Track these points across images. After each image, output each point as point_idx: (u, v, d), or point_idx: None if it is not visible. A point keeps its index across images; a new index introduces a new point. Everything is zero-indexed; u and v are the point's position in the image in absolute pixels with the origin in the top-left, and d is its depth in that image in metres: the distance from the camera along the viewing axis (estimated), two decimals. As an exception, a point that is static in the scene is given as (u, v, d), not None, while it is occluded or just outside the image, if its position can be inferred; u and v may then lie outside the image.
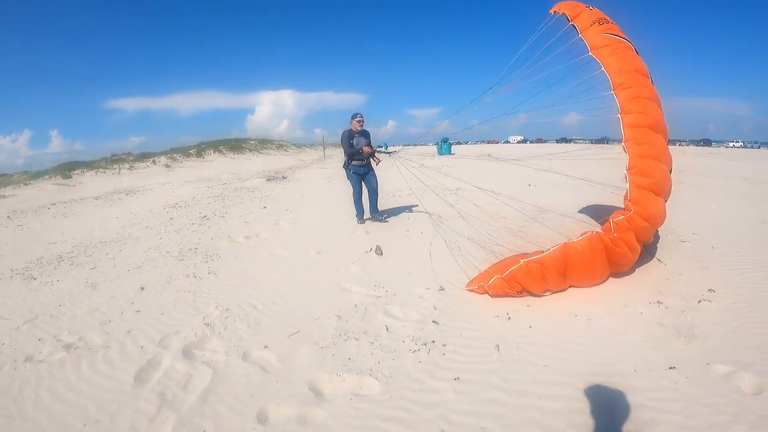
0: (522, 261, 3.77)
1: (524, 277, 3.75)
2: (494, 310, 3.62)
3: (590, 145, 60.33)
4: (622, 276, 4.19)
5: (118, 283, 4.78)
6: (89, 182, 18.12)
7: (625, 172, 3.91)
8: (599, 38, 4.02)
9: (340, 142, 6.60)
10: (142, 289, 4.52)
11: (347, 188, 6.95)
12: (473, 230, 5.98)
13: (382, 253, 5.26)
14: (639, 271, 4.32)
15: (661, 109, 4.08)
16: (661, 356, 2.87)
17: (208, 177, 18.27)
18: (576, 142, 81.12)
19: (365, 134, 6.61)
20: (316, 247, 5.73)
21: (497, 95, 4.78)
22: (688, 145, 66.84)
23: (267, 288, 4.37)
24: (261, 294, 4.23)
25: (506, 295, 3.79)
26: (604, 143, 69.82)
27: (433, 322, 3.46)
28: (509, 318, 3.47)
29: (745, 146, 60.72)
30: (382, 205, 7.27)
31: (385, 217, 7.13)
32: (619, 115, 3.90)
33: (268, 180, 14.91)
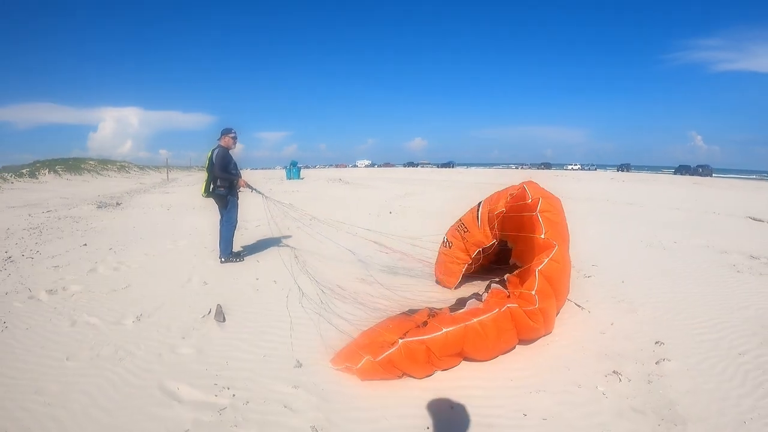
0: (400, 341, 2.74)
1: (404, 362, 2.73)
2: (406, 420, 2.29)
3: (438, 169, 65.03)
4: (554, 335, 3.29)
5: None
6: None
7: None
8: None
9: (207, 164, 5.25)
10: None
11: (187, 218, 5.26)
12: (337, 271, 4.87)
13: (224, 319, 3.63)
14: (567, 325, 3.49)
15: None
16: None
17: (35, 202, 14.90)
18: (423, 166, 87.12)
19: None
20: (136, 308, 3.90)
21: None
22: (530, 168, 75.57)
23: (53, 393, 2.56)
24: (42, 411, 2.41)
25: (381, 379, 2.72)
26: (450, 167, 76.14)
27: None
28: (431, 435, 2.16)
29: (582, 168, 70.33)
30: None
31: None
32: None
33: (98, 207, 12.06)
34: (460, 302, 3.50)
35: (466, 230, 4.07)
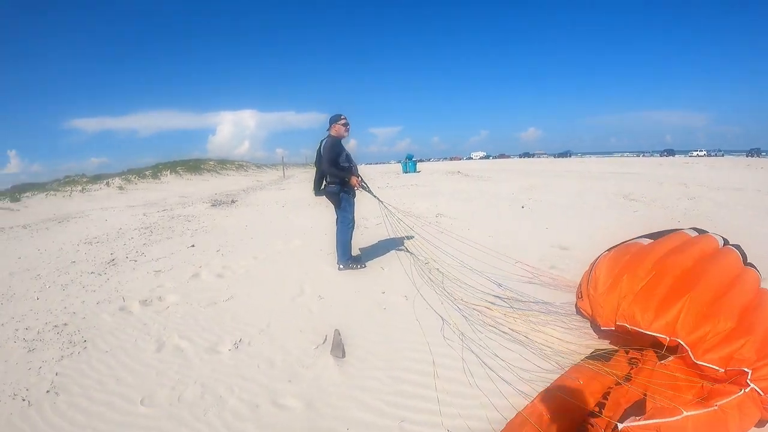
0: (620, 427, 1.88)
1: None
2: None
3: (555, 159, 60.97)
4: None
5: None
6: (37, 206, 16.14)
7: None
8: None
9: (315, 157, 4.69)
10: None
11: (301, 216, 4.65)
12: (479, 288, 3.83)
13: (343, 354, 2.82)
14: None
15: None
16: None
17: (153, 201, 16.05)
18: (539, 157, 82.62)
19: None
20: (235, 329, 3.34)
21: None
22: (652, 155, 68.16)
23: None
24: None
25: None
26: (567, 156, 71.52)
27: None
28: None
29: (708, 154, 61.69)
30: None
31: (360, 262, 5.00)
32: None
33: (212, 205, 12.18)
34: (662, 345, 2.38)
35: (580, 297, 2.93)
